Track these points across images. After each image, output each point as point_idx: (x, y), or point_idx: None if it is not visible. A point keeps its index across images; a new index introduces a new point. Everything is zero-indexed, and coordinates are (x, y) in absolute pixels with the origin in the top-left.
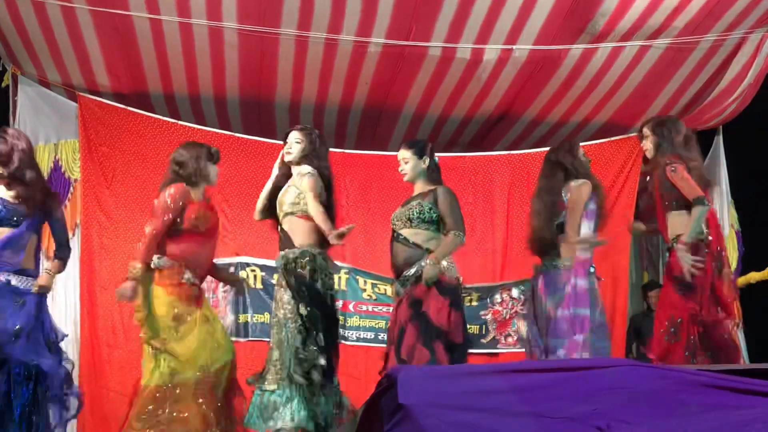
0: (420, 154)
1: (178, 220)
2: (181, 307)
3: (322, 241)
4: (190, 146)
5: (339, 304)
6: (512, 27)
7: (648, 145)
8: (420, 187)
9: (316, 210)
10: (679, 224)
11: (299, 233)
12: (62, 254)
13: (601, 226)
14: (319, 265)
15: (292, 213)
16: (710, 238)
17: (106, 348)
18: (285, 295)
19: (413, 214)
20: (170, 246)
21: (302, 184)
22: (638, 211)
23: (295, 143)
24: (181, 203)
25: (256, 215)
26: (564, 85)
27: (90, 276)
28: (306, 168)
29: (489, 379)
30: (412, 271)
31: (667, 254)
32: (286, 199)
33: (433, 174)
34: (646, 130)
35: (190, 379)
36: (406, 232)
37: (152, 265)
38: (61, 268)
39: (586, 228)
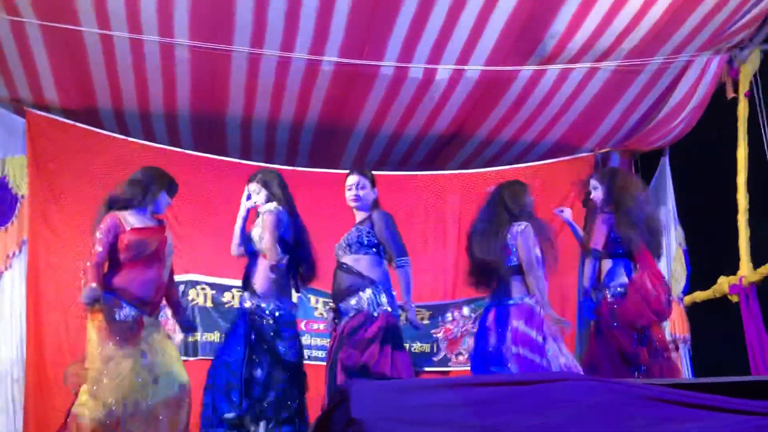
0: (373, 184)
1: (112, 251)
2: (111, 348)
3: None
4: (150, 171)
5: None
6: (464, 47)
7: (598, 195)
8: (362, 214)
9: (268, 244)
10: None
11: (261, 275)
12: None
13: (551, 268)
14: (280, 320)
15: (257, 252)
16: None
17: (52, 367)
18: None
19: (352, 240)
20: (110, 278)
21: (263, 221)
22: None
23: (255, 194)
24: (112, 234)
25: (233, 250)
26: (514, 105)
27: (36, 294)
28: (268, 206)
29: (441, 392)
30: (353, 301)
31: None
32: (253, 237)
33: (375, 202)
34: (594, 182)
35: (121, 416)
36: (347, 260)
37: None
38: None
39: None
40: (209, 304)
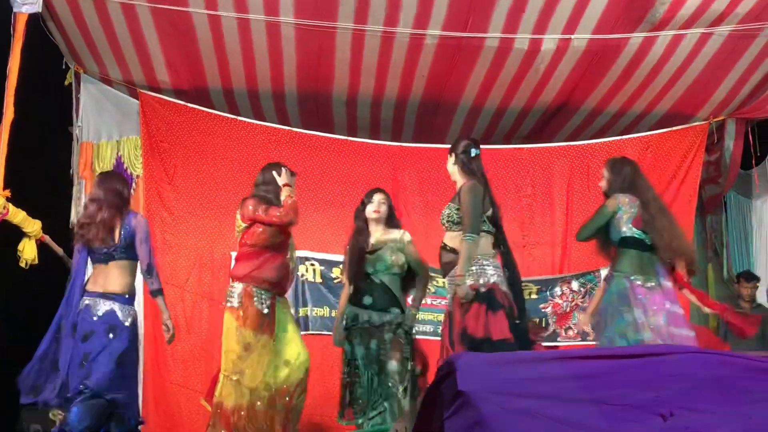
0: (451, 152)
1: (245, 237)
2: (250, 335)
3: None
4: (267, 170)
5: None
6: (570, 16)
7: None
8: (458, 185)
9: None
10: None
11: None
12: None
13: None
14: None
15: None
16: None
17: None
18: None
19: (444, 219)
20: (239, 267)
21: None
22: (702, 201)
23: (381, 204)
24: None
25: None
26: (623, 74)
27: None
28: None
29: (549, 365)
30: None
31: None
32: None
33: (465, 169)
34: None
35: (261, 400)
36: (444, 238)
37: (227, 303)
38: None
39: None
40: (318, 279)
